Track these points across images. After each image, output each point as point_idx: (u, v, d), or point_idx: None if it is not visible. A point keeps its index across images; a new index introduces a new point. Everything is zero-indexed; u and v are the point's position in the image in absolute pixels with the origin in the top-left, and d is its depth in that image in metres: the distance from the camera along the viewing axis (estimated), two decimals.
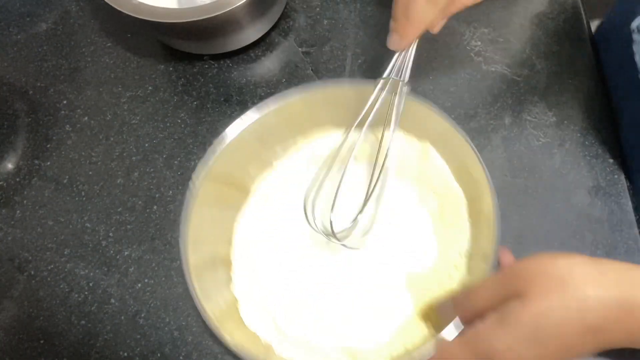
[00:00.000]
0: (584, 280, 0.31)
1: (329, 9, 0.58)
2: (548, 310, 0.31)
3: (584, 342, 0.31)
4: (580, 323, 0.31)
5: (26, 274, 0.48)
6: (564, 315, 0.31)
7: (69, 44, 0.58)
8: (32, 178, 0.52)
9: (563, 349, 0.31)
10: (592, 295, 0.30)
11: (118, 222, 0.50)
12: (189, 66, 0.56)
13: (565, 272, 0.31)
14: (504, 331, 0.32)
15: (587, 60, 0.53)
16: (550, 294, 0.31)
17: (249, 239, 0.47)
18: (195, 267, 0.41)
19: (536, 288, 0.32)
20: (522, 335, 0.31)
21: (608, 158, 0.49)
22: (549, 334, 0.31)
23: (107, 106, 0.55)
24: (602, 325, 0.31)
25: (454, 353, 0.34)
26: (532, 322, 0.31)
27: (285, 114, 0.46)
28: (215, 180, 0.45)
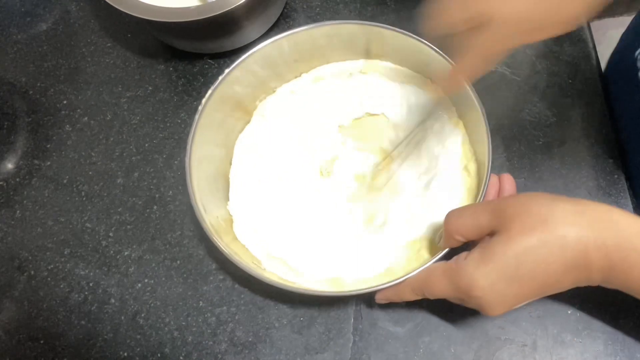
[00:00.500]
0: (564, 219, 0.32)
1: (329, 9, 0.58)
2: (529, 248, 0.32)
3: (563, 280, 0.32)
4: (560, 261, 0.31)
5: (26, 274, 0.48)
6: (544, 253, 0.31)
7: (69, 44, 0.58)
8: (32, 178, 0.52)
9: (541, 286, 0.33)
10: (572, 233, 0.31)
11: (118, 222, 0.50)
12: (189, 66, 0.56)
13: (547, 211, 0.32)
14: (485, 268, 0.32)
15: (587, 60, 0.53)
16: (531, 231, 0.32)
17: (248, 160, 0.49)
18: (198, 183, 0.43)
19: (518, 225, 0.32)
20: (503, 272, 0.32)
21: (608, 158, 0.49)
22: (530, 271, 0.32)
23: (107, 106, 0.55)
24: (580, 264, 0.32)
25: (437, 278, 0.36)
26: (514, 259, 0.32)
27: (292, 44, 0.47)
28: (223, 103, 0.46)
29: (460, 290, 0.34)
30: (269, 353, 0.44)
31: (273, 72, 0.49)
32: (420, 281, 0.37)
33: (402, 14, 0.57)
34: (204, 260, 0.48)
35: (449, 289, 0.35)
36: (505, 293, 0.33)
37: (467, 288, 0.33)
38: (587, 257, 0.31)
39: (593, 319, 0.43)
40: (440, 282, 0.35)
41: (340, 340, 0.44)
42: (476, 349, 0.43)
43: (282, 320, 0.45)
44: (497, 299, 0.33)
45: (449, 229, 0.37)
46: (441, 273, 0.36)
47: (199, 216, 0.41)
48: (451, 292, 0.35)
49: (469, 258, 0.34)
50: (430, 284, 0.36)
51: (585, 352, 0.42)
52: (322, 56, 0.50)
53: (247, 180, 0.48)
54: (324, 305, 0.46)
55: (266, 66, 0.48)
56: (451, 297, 0.36)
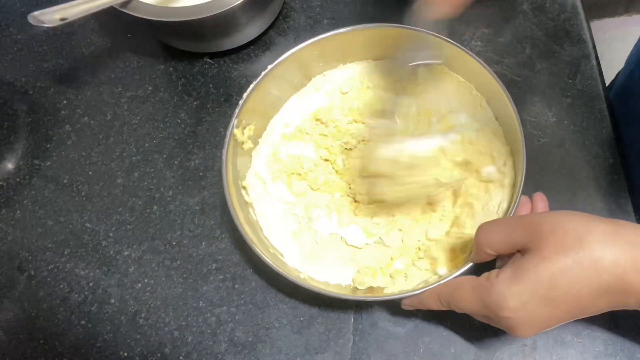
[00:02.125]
0: (601, 239, 0.30)
1: (329, 8, 0.58)
2: (564, 268, 0.30)
3: (598, 303, 0.31)
4: (595, 283, 0.30)
5: (26, 274, 0.48)
6: (579, 274, 0.30)
7: (69, 44, 0.58)
8: (32, 178, 0.52)
9: (576, 308, 0.31)
10: (609, 255, 0.30)
11: (118, 222, 0.50)
12: (189, 66, 0.56)
13: (583, 230, 0.31)
14: (518, 287, 0.31)
15: (587, 60, 0.53)
16: (567, 251, 0.30)
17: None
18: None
19: (552, 243, 0.31)
20: (536, 293, 0.31)
21: (608, 158, 0.49)
22: (564, 293, 0.30)
23: (107, 106, 0.55)
24: (617, 286, 0.30)
25: (466, 293, 0.34)
26: (547, 280, 0.30)
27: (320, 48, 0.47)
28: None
29: (489, 308, 0.33)
30: (269, 353, 0.44)
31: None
32: (448, 293, 0.36)
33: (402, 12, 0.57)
34: (204, 260, 0.48)
35: (476, 306, 0.34)
36: (537, 315, 0.31)
37: (496, 307, 0.32)
38: (625, 280, 0.30)
39: (593, 319, 0.43)
40: (468, 297, 0.34)
41: (340, 340, 0.44)
42: (476, 349, 0.43)
43: (282, 320, 0.45)
44: (527, 321, 0.32)
45: (480, 241, 0.35)
46: (470, 288, 0.34)
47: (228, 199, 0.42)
48: (479, 309, 0.34)
49: (501, 276, 0.32)
50: (458, 297, 0.35)
51: (585, 352, 0.42)
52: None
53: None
54: (324, 305, 0.46)
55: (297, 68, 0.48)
56: (478, 314, 0.35)
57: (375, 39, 0.48)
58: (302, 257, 0.46)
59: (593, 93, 0.52)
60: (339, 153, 0.50)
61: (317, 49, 0.47)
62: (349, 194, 0.49)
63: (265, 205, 0.47)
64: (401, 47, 0.44)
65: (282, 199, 0.48)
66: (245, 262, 0.48)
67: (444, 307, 0.37)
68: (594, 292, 0.30)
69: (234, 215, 0.41)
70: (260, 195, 0.48)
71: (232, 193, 0.43)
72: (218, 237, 0.49)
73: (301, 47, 0.46)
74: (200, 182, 0.51)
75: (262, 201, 0.47)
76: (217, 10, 0.47)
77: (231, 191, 0.43)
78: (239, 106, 0.44)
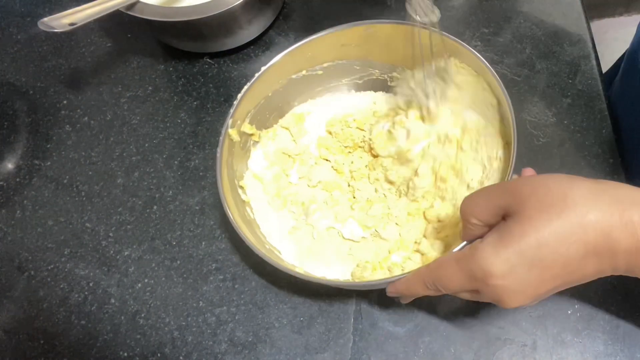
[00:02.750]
0: (585, 196, 0.29)
1: (329, 8, 0.58)
2: (550, 227, 0.29)
3: (586, 265, 0.30)
4: (582, 240, 0.29)
5: (26, 274, 0.48)
6: (565, 232, 0.29)
7: (69, 44, 0.58)
8: (32, 178, 0.52)
9: (564, 272, 0.30)
10: (594, 211, 0.29)
11: (118, 222, 0.50)
12: (189, 66, 0.56)
13: (566, 189, 0.30)
14: (504, 251, 0.30)
15: (587, 60, 0.53)
16: (551, 210, 0.29)
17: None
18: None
19: (536, 204, 0.30)
20: (523, 255, 0.29)
21: (608, 158, 0.49)
22: (551, 252, 0.29)
23: (107, 106, 0.55)
24: (603, 244, 0.29)
25: (450, 269, 0.33)
26: (534, 240, 0.29)
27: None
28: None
29: (476, 278, 0.31)
30: (269, 353, 0.44)
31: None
32: (433, 272, 0.35)
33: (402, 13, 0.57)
34: (204, 260, 0.48)
35: (462, 279, 0.32)
36: (526, 279, 0.30)
37: (483, 275, 0.30)
38: (611, 236, 0.28)
39: (593, 319, 0.43)
40: (453, 271, 0.32)
41: (340, 340, 0.44)
42: (476, 349, 0.43)
43: (282, 320, 0.45)
44: (516, 286, 0.30)
45: (464, 211, 0.34)
46: (454, 262, 0.33)
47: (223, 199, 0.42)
48: (466, 281, 0.32)
49: (485, 242, 0.31)
50: (443, 274, 0.34)
51: (585, 352, 0.42)
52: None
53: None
54: (324, 305, 0.46)
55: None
56: (466, 290, 0.33)
57: (370, 37, 0.48)
58: (300, 253, 0.46)
59: (593, 93, 0.52)
60: (339, 152, 0.50)
61: (310, 50, 0.47)
62: (348, 191, 0.49)
63: (263, 203, 0.48)
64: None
65: (279, 196, 0.48)
66: (245, 262, 0.48)
67: (431, 291, 0.35)
68: (581, 250, 0.29)
69: (228, 214, 0.41)
70: (257, 194, 0.48)
71: (227, 192, 0.42)
72: (218, 237, 0.49)
73: (295, 47, 0.46)
74: (200, 182, 0.51)
75: (259, 200, 0.48)
76: (217, 10, 0.47)
77: (226, 190, 0.43)
78: (233, 106, 0.44)
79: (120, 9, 0.48)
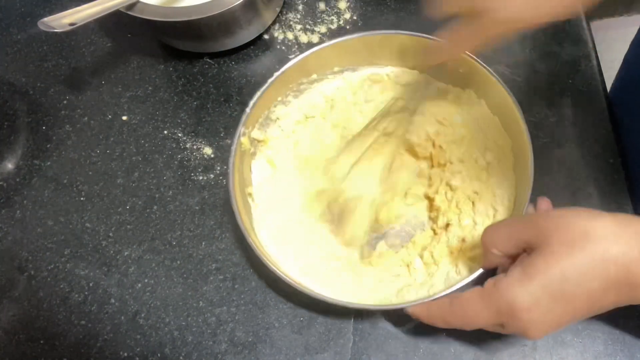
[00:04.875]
0: (606, 232, 0.30)
1: (329, 8, 0.58)
2: (573, 262, 0.30)
3: (607, 297, 0.31)
4: (604, 275, 0.30)
5: (26, 274, 0.48)
6: (588, 267, 0.30)
7: (69, 44, 0.58)
8: (32, 178, 0.52)
9: (587, 304, 0.31)
10: (615, 246, 0.30)
11: (118, 222, 0.50)
12: (189, 66, 0.56)
13: (588, 224, 0.31)
14: (528, 286, 0.31)
15: (587, 60, 0.53)
16: (574, 245, 0.30)
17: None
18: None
19: (559, 239, 0.31)
20: (548, 289, 0.30)
21: (608, 158, 0.49)
22: (575, 286, 0.30)
23: (107, 106, 0.55)
24: (624, 278, 0.30)
25: (474, 306, 0.33)
26: (559, 274, 0.30)
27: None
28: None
29: (501, 312, 0.32)
30: (269, 353, 0.44)
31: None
32: (456, 313, 0.35)
33: (401, 14, 0.57)
34: (204, 260, 0.48)
35: (489, 315, 0.33)
36: (550, 312, 0.31)
37: (509, 309, 0.31)
38: (631, 271, 0.30)
39: (593, 319, 0.43)
40: (478, 308, 0.33)
41: (340, 340, 0.44)
42: (476, 349, 0.43)
43: (282, 320, 0.45)
44: (541, 319, 0.31)
45: (486, 241, 0.35)
46: (478, 298, 0.33)
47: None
48: (493, 317, 0.33)
49: (510, 276, 0.32)
50: (469, 312, 0.34)
51: (585, 352, 0.42)
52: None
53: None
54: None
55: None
56: (490, 324, 0.34)
57: (385, 44, 0.48)
58: (301, 271, 0.45)
59: (593, 93, 0.52)
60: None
61: (319, 57, 0.47)
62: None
63: (271, 212, 0.47)
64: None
65: (287, 208, 0.48)
66: (245, 262, 0.48)
67: (452, 327, 0.36)
68: (603, 284, 0.30)
69: (239, 222, 0.42)
70: (265, 202, 0.48)
71: (238, 198, 0.43)
72: (218, 237, 0.49)
73: (306, 55, 0.46)
74: (200, 182, 0.51)
75: (267, 208, 0.47)
76: (217, 10, 0.47)
77: (238, 197, 0.43)
78: (245, 114, 0.45)
79: (120, 9, 0.48)
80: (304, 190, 0.49)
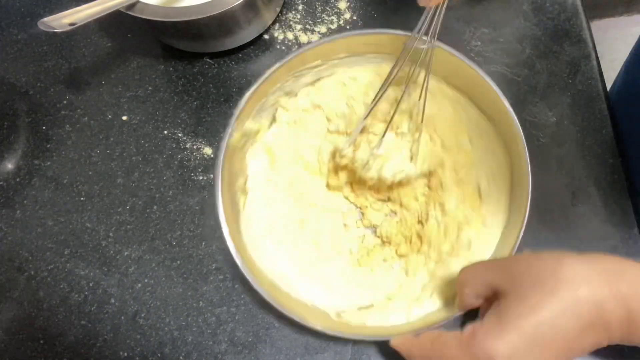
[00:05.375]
0: (574, 275, 0.31)
1: (329, 8, 0.58)
2: (545, 309, 0.31)
3: (583, 338, 0.31)
4: (577, 317, 0.30)
5: (26, 274, 0.48)
6: (561, 312, 0.30)
7: (69, 44, 0.58)
8: (32, 178, 0.52)
9: (563, 348, 0.31)
10: (585, 288, 0.30)
11: (118, 222, 0.50)
12: (189, 66, 0.56)
13: (557, 268, 0.32)
14: (505, 336, 0.31)
15: (587, 60, 0.53)
16: (544, 290, 0.31)
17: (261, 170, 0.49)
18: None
19: (529, 284, 0.32)
20: (524, 337, 0.31)
21: (608, 158, 0.49)
22: (550, 329, 0.30)
23: (107, 106, 0.55)
24: (598, 317, 0.31)
25: (452, 353, 0.34)
26: (532, 323, 0.31)
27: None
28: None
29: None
30: (269, 353, 0.44)
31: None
32: (434, 351, 0.35)
33: (401, 13, 0.57)
34: (204, 260, 0.48)
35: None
36: (529, 359, 0.31)
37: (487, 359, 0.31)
38: (604, 310, 0.30)
39: None
40: (455, 355, 0.33)
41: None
42: None
43: (282, 320, 0.45)
44: None
45: (460, 280, 0.37)
46: (456, 345, 0.33)
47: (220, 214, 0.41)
48: None
49: (486, 325, 0.32)
50: (445, 356, 0.34)
51: None
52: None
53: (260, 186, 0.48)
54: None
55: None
56: None
57: (370, 45, 0.47)
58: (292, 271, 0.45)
59: (593, 93, 0.52)
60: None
61: (323, 50, 0.47)
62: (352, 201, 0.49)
63: (259, 213, 0.47)
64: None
65: (277, 208, 0.48)
66: None
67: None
68: (579, 324, 0.31)
69: (224, 226, 0.41)
70: (257, 199, 0.47)
71: (225, 202, 0.42)
72: (218, 237, 0.48)
73: (294, 55, 0.45)
74: (200, 182, 0.51)
75: (257, 208, 0.47)
76: (217, 10, 0.47)
77: (225, 200, 0.42)
78: (233, 116, 0.44)
79: (120, 9, 0.47)
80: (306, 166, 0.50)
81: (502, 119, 0.44)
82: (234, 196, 0.45)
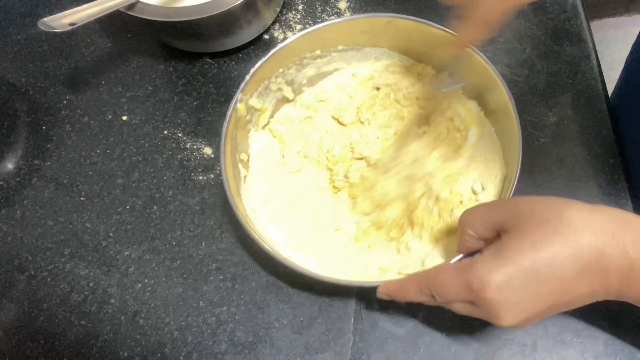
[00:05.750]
0: (580, 217, 0.31)
1: (329, 8, 0.58)
2: (545, 245, 0.30)
3: (579, 283, 0.31)
4: (576, 259, 0.30)
5: (26, 274, 0.48)
6: (561, 247, 0.30)
7: (69, 44, 0.58)
8: (32, 178, 0.52)
9: (559, 288, 0.31)
10: (588, 229, 0.30)
11: (118, 222, 0.50)
12: (189, 66, 0.56)
13: (563, 210, 0.31)
14: (501, 265, 0.31)
15: (587, 60, 0.53)
16: (547, 228, 0.31)
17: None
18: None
19: (533, 221, 0.31)
20: (520, 270, 0.30)
21: (608, 158, 0.49)
22: (547, 265, 0.30)
23: (107, 106, 0.55)
24: (597, 262, 0.30)
25: (447, 276, 0.34)
26: (530, 256, 0.30)
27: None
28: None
29: (472, 289, 0.32)
30: (269, 353, 0.44)
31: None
32: (430, 278, 0.35)
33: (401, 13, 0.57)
34: (204, 260, 0.48)
35: (460, 288, 0.33)
36: (522, 293, 0.31)
37: (480, 286, 0.31)
38: (604, 255, 0.30)
39: (593, 319, 0.43)
40: (451, 279, 0.33)
41: (340, 340, 0.44)
42: (476, 349, 0.43)
43: (282, 320, 0.45)
44: (513, 301, 0.31)
45: (462, 222, 0.36)
46: (453, 270, 0.33)
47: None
48: (462, 291, 0.33)
49: (484, 256, 0.32)
50: (440, 280, 0.34)
51: (585, 352, 0.42)
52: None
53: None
54: (324, 305, 0.46)
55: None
56: (461, 300, 0.34)
57: (391, 29, 0.49)
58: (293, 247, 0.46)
59: (593, 93, 0.52)
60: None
61: (329, 33, 0.48)
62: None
63: (264, 180, 0.49)
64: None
65: (277, 185, 0.49)
66: (245, 262, 0.48)
67: (424, 297, 0.36)
68: (576, 266, 0.30)
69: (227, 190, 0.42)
70: (259, 175, 0.49)
71: (228, 168, 0.44)
72: (218, 237, 0.49)
73: (315, 29, 0.47)
74: (200, 182, 0.51)
75: (261, 175, 0.49)
76: (217, 10, 0.47)
77: (228, 167, 0.44)
78: (245, 80, 0.45)
79: (120, 9, 0.48)
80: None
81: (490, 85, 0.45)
82: (235, 167, 0.46)
